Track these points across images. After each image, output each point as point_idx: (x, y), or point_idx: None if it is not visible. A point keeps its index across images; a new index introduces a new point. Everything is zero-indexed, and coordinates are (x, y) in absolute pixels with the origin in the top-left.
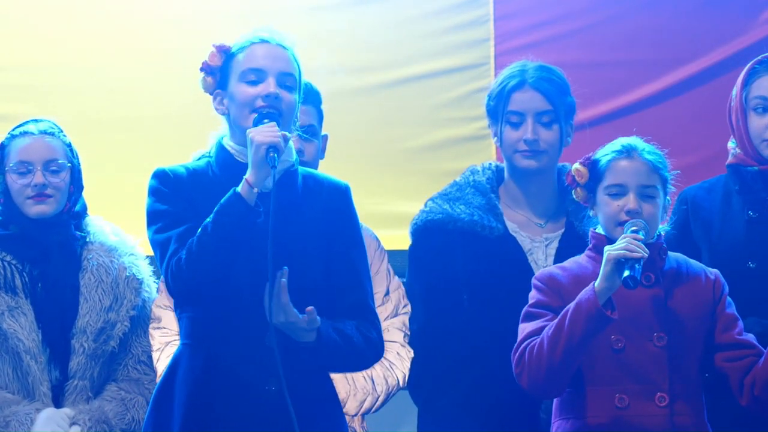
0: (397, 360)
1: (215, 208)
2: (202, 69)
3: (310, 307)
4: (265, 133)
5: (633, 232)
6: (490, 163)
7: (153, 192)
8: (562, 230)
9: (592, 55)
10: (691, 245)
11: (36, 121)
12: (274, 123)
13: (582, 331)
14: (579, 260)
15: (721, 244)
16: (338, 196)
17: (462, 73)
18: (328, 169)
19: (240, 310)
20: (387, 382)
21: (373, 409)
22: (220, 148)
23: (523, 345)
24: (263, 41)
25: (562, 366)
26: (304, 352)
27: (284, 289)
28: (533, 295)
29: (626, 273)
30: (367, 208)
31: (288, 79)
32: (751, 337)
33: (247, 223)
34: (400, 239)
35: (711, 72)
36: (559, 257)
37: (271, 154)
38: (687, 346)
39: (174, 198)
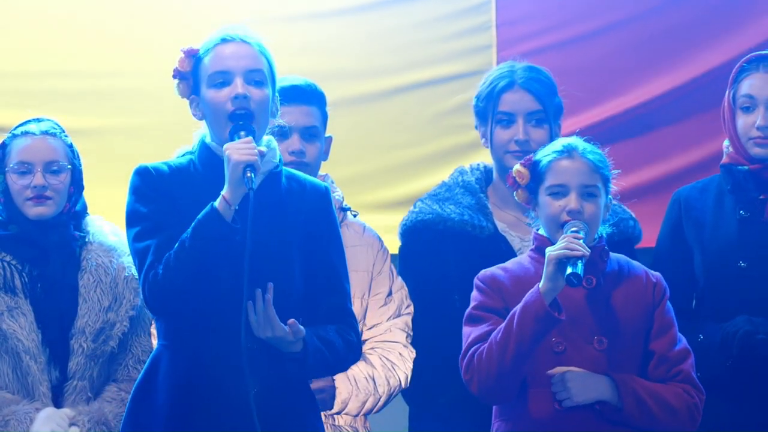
0: (399, 360)
1: (193, 224)
2: (174, 76)
3: (291, 320)
4: (242, 150)
5: (573, 232)
6: (479, 164)
7: (134, 191)
8: None
9: (595, 61)
10: (683, 245)
11: (38, 120)
12: (250, 137)
13: (531, 334)
14: (521, 261)
15: (713, 243)
16: (319, 198)
17: (465, 80)
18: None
19: (220, 316)
20: (389, 382)
21: (375, 410)
22: (203, 146)
23: (470, 351)
24: (225, 40)
25: (512, 370)
26: (291, 362)
27: (270, 304)
28: (475, 296)
29: (569, 270)
30: (368, 216)
31: (256, 75)
32: (681, 343)
33: (224, 240)
34: None
35: (715, 75)
36: None
37: (248, 174)
38: (627, 349)
39: (155, 198)
